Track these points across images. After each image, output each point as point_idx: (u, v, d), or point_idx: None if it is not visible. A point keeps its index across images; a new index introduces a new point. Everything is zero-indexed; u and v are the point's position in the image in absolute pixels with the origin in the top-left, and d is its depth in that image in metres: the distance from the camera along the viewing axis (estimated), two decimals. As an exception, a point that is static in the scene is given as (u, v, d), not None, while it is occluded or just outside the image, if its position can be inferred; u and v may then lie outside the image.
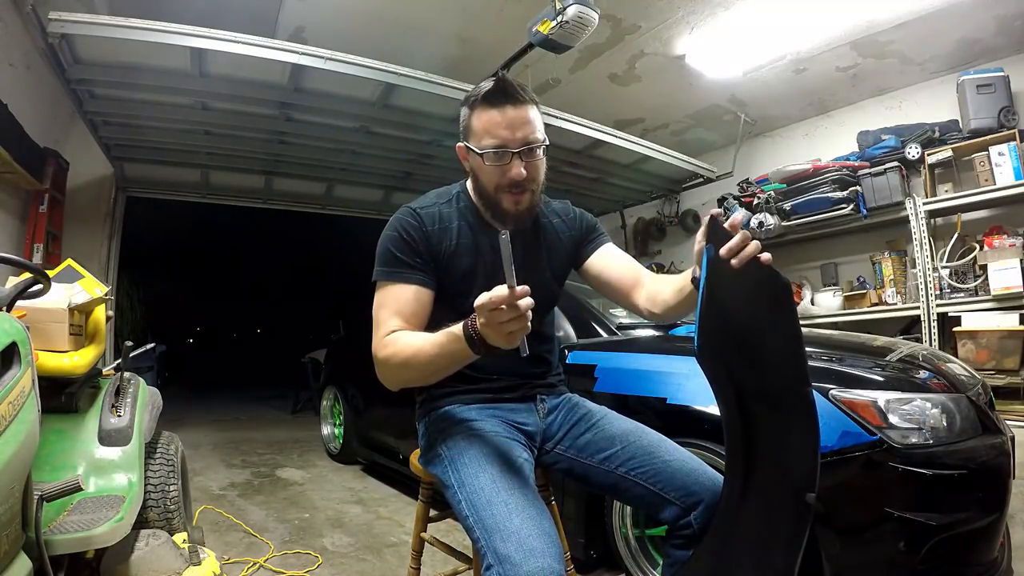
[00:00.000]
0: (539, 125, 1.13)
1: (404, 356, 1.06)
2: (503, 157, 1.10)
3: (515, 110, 1.09)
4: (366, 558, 2.32)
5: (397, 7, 3.69)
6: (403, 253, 1.15)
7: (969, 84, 3.90)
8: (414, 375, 1.09)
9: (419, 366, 1.04)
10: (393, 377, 1.11)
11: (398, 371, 1.09)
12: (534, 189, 1.16)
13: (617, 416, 1.27)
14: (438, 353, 1.00)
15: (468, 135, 1.15)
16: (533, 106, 1.13)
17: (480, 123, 1.12)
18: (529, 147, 1.11)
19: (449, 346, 0.97)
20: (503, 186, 1.13)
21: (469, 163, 1.19)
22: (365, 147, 4.45)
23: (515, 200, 1.14)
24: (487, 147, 1.10)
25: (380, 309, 1.14)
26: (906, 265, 4.34)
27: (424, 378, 1.10)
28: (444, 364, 1.02)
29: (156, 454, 2.00)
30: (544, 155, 1.16)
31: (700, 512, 1.09)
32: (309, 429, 5.12)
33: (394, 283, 1.14)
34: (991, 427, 1.63)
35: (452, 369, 1.04)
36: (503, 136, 1.09)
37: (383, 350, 1.09)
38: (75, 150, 4.53)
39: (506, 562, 0.88)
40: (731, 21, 3.80)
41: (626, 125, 5.28)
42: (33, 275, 1.50)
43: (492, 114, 1.10)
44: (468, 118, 1.15)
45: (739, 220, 0.97)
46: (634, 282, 1.27)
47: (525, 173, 1.11)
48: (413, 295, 1.14)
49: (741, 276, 0.96)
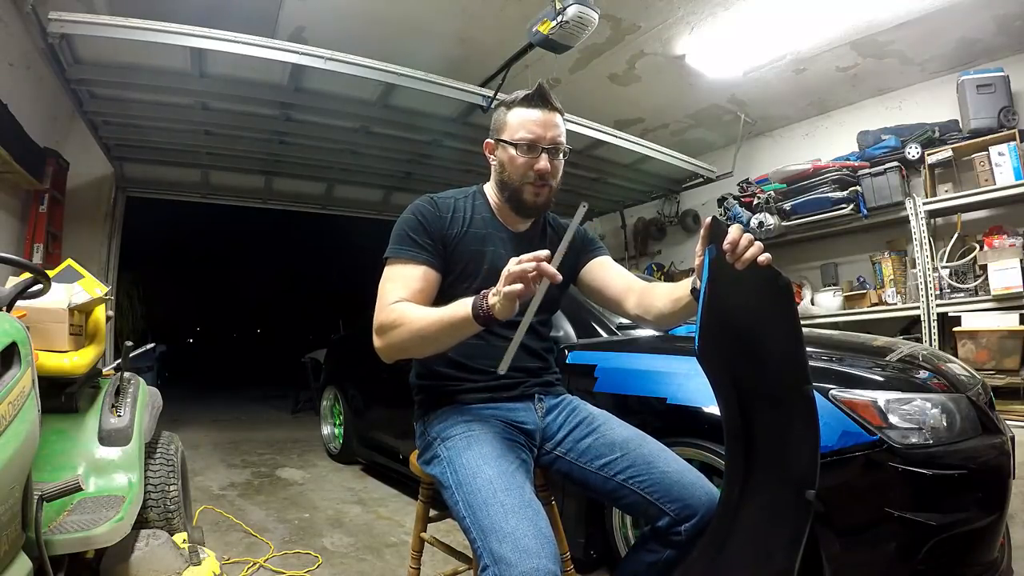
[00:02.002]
0: (564, 132, 1.27)
1: (405, 321, 1.09)
2: (534, 151, 1.22)
3: (549, 114, 1.24)
4: (366, 558, 2.32)
5: (397, 7, 3.69)
6: (416, 234, 1.21)
7: (969, 84, 3.90)
8: (411, 341, 1.09)
9: (418, 330, 1.07)
10: (390, 343, 1.12)
11: (396, 336, 1.10)
12: (552, 186, 1.27)
13: (618, 422, 1.28)
14: (439, 318, 1.04)
15: (501, 131, 1.27)
16: (561, 115, 1.27)
17: (516, 119, 1.24)
18: (556, 148, 1.24)
19: (451, 311, 1.02)
20: (529, 178, 1.24)
21: (496, 157, 1.29)
22: (365, 147, 4.45)
23: (536, 192, 1.25)
24: (520, 140, 1.22)
25: (387, 282, 1.19)
26: (906, 265, 4.34)
27: (420, 344, 1.10)
28: (443, 330, 1.04)
29: (156, 454, 2.00)
30: (564, 161, 1.28)
31: (692, 525, 1.11)
32: (309, 429, 5.12)
33: (404, 261, 1.20)
34: (991, 427, 1.63)
35: (449, 339, 1.07)
36: (537, 133, 1.22)
37: (386, 316, 1.12)
38: (75, 150, 4.53)
39: (501, 562, 0.89)
40: (731, 21, 3.80)
41: (626, 125, 5.28)
42: (33, 275, 1.50)
43: (530, 112, 1.24)
44: (504, 116, 1.27)
45: (736, 236, 0.97)
46: (625, 289, 1.31)
47: (549, 168, 1.23)
48: (421, 273, 1.18)
49: (742, 276, 0.96)
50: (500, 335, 1.26)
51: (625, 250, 6.48)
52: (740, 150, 5.21)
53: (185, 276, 17.45)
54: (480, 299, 0.98)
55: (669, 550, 1.15)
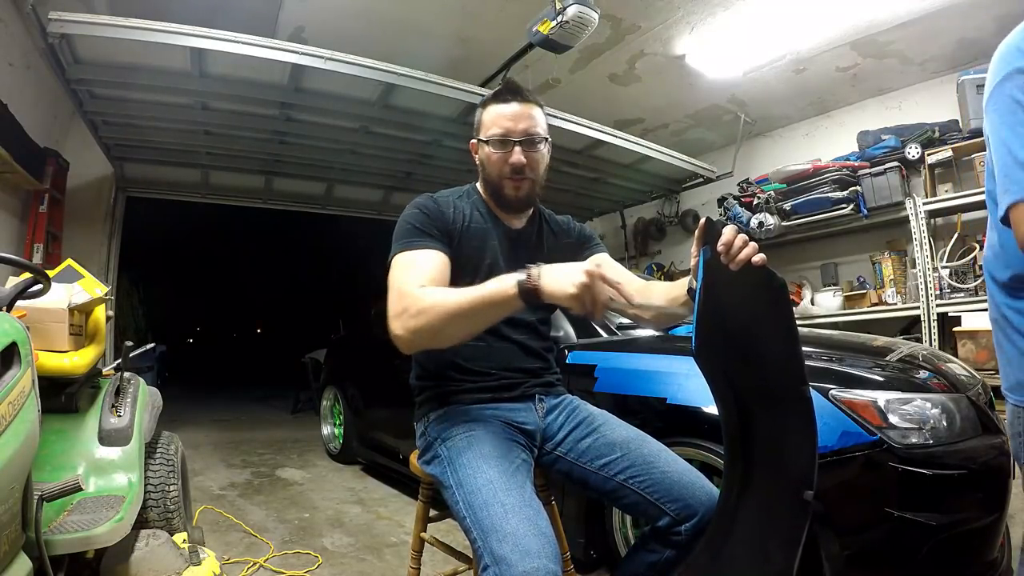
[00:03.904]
0: (541, 122, 1.26)
1: (438, 302, 1.01)
2: (505, 145, 1.22)
3: (519, 106, 1.23)
4: (366, 558, 2.32)
5: (397, 7, 3.69)
6: (423, 226, 1.19)
7: (969, 84, 3.89)
8: (446, 321, 1.00)
9: (455, 309, 0.99)
10: (418, 328, 1.02)
11: (427, 318, 1.01)
12: (533, 179, 1.26)
13: (618, 422, 1.28)
14: (479, 295, 0.98)
15: (479, 130, 1.28)
16: (536, 106, 1.26)
17: (489, 117, 1.25)
18: (530, 139, 1.23)
19: (492, 287, 0.97)
20: (505, 172, 1.23)
21: (479, 157, 1.30)
22: (365, 147, 4.45)
23: (515, 186, 1.24)
24: (493, 136, 1.23)
25: (402, 270, 1.12)
26: (906, 265, 4.34)
27: (457, 325, 1.01)
28: (483, 308, 0.98)
29: (156, 454, 2.00)
30: (546, 151, 1.28)
31: (692, 525, 1.11)
32: (309, 429, 5.12)
33: (420, 249, 1.15)
34: (991, 427, 1.63)
35: (488, 317, 1.02)
36: (507, 127, 1.22)
37: (413, 300, 1.03)
38: (75, 150, 4.53)
39: (502, 562, 0.89)
40: (731, 21, 3.80)
41: (626, 125, 5.28)
42: (33, 275, 1.50)
43: (499, 108, 1.24)
44: (480, 115, 1.28)
45: (731, 237, 0.97)
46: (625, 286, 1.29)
47: (524, 161, 1.22)
48: (438, 259, 1.15)
49: (738, 277, 0.96)
50: (503, 336, 1.26)
51: (625, 250, 6.48)
52: (740, 150, 5.21)
53: (185, 276, 17.43)
54: (527, 273, 0.94)
55: (669, 550, 1.15)
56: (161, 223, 8.19)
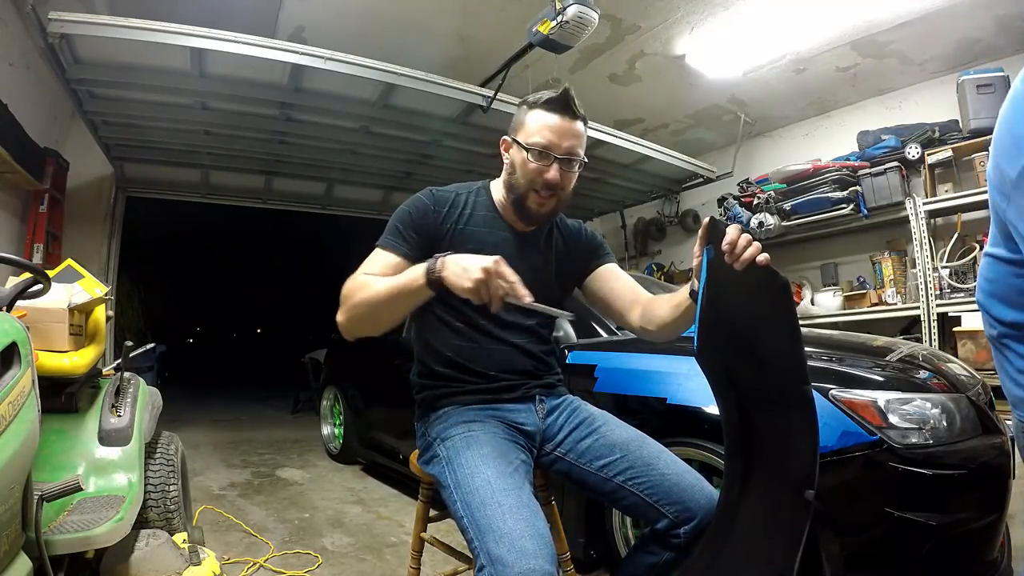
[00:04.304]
0: (584, 142, 1.22)
1: (361, 290, 1.09)
2: (546, 158, 1.18)
3: (569, 122, 1.19)
4: (366, 558, 2.32)
5: (397, 7, 3.69)
6: (404, 227, 1.21)
7: (969, 84, 3.89)
8: (363, 308, 1.09)
9: (371, 296, 1.07)
10: (347, 315, 1.11)
11: (352, 304, 1.10)
12: (561, 197, 1.22)
13: (618, 423, 1.28)
14: (393, 282, 1.05)
15: (518, 131, 1.22)
16: (583, 123, 1.22)
17: (534, 122, 1.19)
18: (570, 158, 1.19)
19: (405, 275, 1.04)
20: (536, 185, 1.19)
21: (509, 157, 1.25)
22: (365, 147, 4.45)
23: (541, 202, 1.21)
24: (534, 145, 1.18)
25: (366, 265, 1.18)
26: (906, 265, 4.34)
27: (373, 312, 1.09)
28: (393, 295, 1.05)
29: (156, 454, 2.00)
30: (578, 172, 1.24)
31: (690, 528, 1.11)
32: (309, 429, 5.11)
33: (386, 249, 1.19)
34: (991, 427, 1.63)
35: (400, 305, 1.07)
36: (551, 140, 1.17)
37: (346, 287, 1.12)
38: (75, 150, 4.53)
39: (498, 563, 0.89)
40: (731, 21, 3.80)
41: (626, 125, 5.28)
42: (33, 275, 1.50)
43: (548, 117, 1.18)
44: (523, 116, 1.22)
45: (735, 236, 0.97)
46: (632, 302, 1.30)
47: (559, 180, 1.19)
48: (395, 263, 1.17)
49: (740, 276, 0.96)
50: (496, 337, 1.26)
51: (625, 250, 6.48)
52: (740, 150, 5.21)
53: (185, 276, 17.44)
54: (434, 263, 1.00)
55: (668, 552, 1.15)
56: (161, 223, 8.20)
